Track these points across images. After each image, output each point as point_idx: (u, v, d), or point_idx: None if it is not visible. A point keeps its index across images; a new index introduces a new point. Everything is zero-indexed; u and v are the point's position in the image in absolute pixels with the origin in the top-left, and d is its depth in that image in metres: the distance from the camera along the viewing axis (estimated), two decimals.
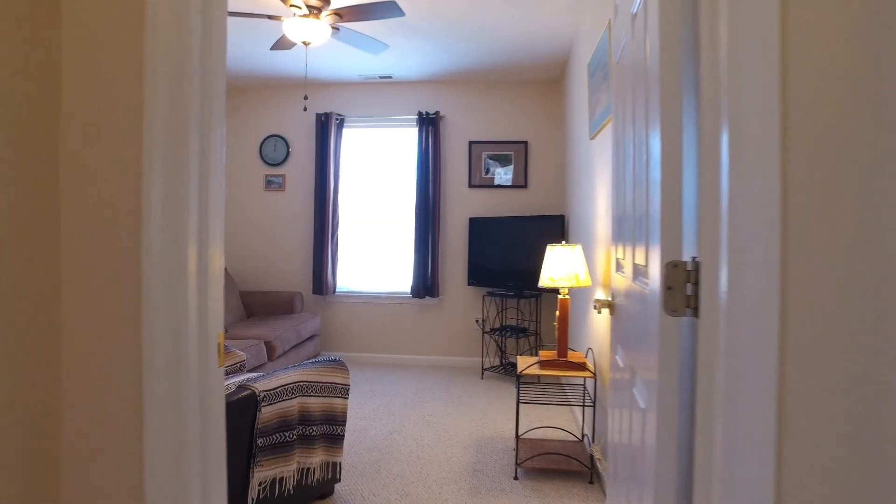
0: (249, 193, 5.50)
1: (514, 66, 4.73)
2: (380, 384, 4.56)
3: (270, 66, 4.82)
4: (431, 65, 4.75)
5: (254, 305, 5.03)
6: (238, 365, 2.94)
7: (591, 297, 3.23)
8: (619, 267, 1.66)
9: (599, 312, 1.68)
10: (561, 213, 4.86)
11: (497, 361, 5.19)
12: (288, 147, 5.42)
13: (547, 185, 5.15)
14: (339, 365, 2.56)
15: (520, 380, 2.90)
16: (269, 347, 4.02)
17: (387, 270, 5.41)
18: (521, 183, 5.16)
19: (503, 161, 5.19)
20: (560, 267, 2.87)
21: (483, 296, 4.96)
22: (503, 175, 5.19)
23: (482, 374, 4.87)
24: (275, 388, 2.18)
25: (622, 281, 1.55)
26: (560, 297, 2.94)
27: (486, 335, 5.11)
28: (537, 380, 4.57)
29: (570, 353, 3.02)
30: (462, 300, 5.26)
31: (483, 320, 5.06)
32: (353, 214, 5.45)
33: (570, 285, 2.83)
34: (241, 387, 2.13)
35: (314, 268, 5.24)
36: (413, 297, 5.17)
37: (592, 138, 3.20)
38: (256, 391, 2.11)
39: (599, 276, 2.95)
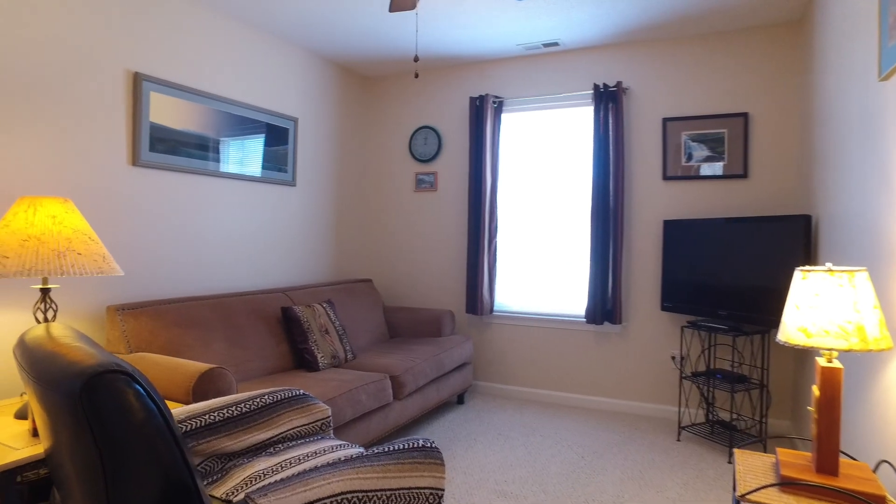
0: (399, 195, 4.87)
1: (728, 6, 3.35)
2: (537, 435, 3.54)
3: (410, 47, 4.10)
4: (608, 19, 3.59)
5: (399, 325, 4.37)
6: (319, 424, 2.19)
7: (885, 365, 1.84)
8: None
9: None
10: (804, 213, 3.33)
11: (701, 417, 3.80)
12: (440, 139, 4.67)
13: (779, 173, 3.64)
14: (428, 456, 1.63)
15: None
16: (396, 384, 3.27)
17: (556, 287, 4.35)
18: (738, 171, 3.72)
19: (712, 143, 3.80)
20: (822, 311, 1.58)
21: (682, 326, 3.63)
22: (712, 161, 3.79)
23: (679, 433, 3.55)
24: None
25: None
26: (822, 363, 1.64)
27: (685, 380, 3.77)
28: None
29: (842, 461, 1.70)
30: (653, 330, 3.98)
31: (682, 359, 3.73)
32: (514, 217, 4.50)
33: (844, 347, 1.53)
34: (247, 500, 1.32)
35: (468, 282, 4.41)
36: (588, 322, 4.04)
37: (885, 78, 1.82)
38: None
39: None
